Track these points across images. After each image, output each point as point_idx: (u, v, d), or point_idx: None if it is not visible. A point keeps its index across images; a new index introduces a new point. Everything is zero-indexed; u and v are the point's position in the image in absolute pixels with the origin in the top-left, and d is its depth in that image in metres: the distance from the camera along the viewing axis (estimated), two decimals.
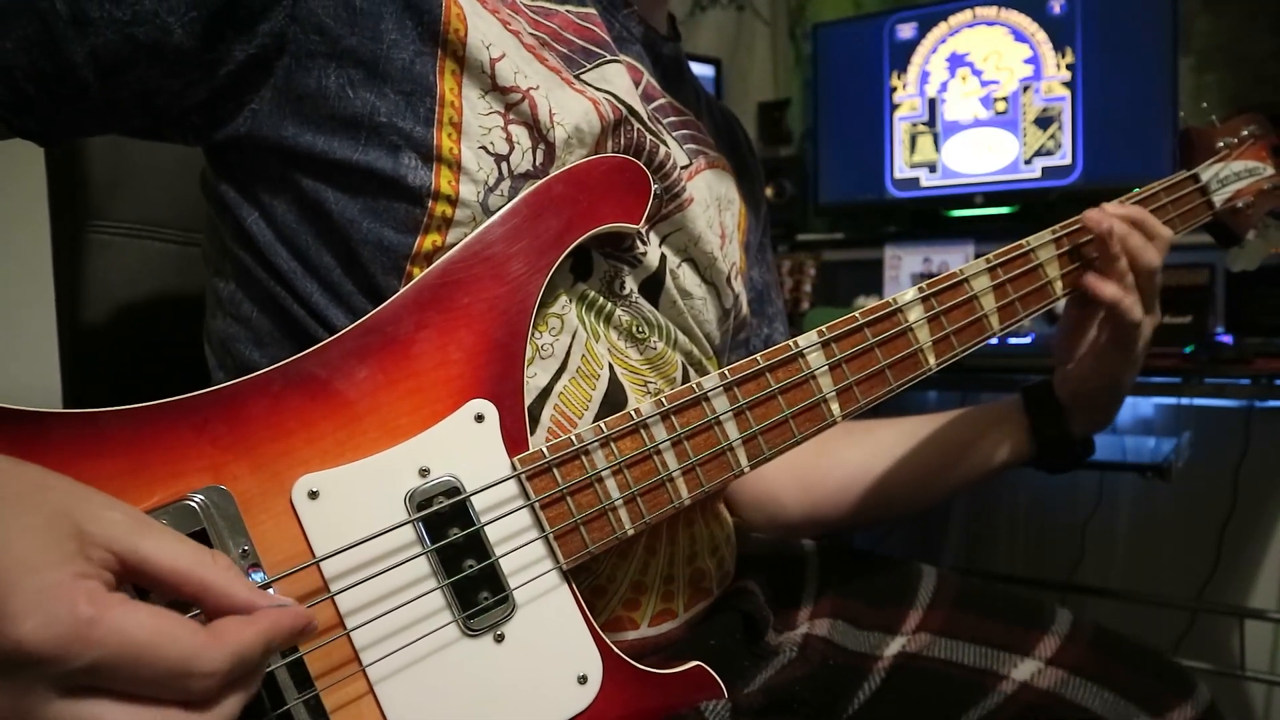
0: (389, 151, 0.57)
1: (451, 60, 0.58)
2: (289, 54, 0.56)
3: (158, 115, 0.57)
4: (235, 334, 0.62)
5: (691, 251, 0.70)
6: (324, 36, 0.56)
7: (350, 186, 0.57)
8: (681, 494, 0.59)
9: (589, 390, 0.61)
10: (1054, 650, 0.70)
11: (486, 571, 0.53)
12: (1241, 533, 1.71)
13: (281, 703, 0.46)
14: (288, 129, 0.56)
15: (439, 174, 0.57)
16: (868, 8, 2.09)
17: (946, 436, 0.82)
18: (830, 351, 0.64)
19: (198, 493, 0.47)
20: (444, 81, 0.57)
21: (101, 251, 0.82)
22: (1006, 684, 0.69)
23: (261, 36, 0.55)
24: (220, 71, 0.55)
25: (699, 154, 0.74)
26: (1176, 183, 0.80)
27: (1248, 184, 0.83)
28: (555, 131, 0.60)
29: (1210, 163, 0.82)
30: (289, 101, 0.56)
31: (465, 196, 0.58)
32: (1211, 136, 0.84)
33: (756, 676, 0.70)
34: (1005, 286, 0.71)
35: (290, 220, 0.59)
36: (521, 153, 0.59)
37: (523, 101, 0.59)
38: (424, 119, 0.57)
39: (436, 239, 0.58)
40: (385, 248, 0.58)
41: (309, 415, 0.51)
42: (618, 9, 0.72)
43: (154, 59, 0.53)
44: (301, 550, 0.49)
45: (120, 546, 0.38)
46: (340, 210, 0.57)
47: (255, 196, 0.60)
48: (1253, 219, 0.83)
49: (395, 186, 0.57)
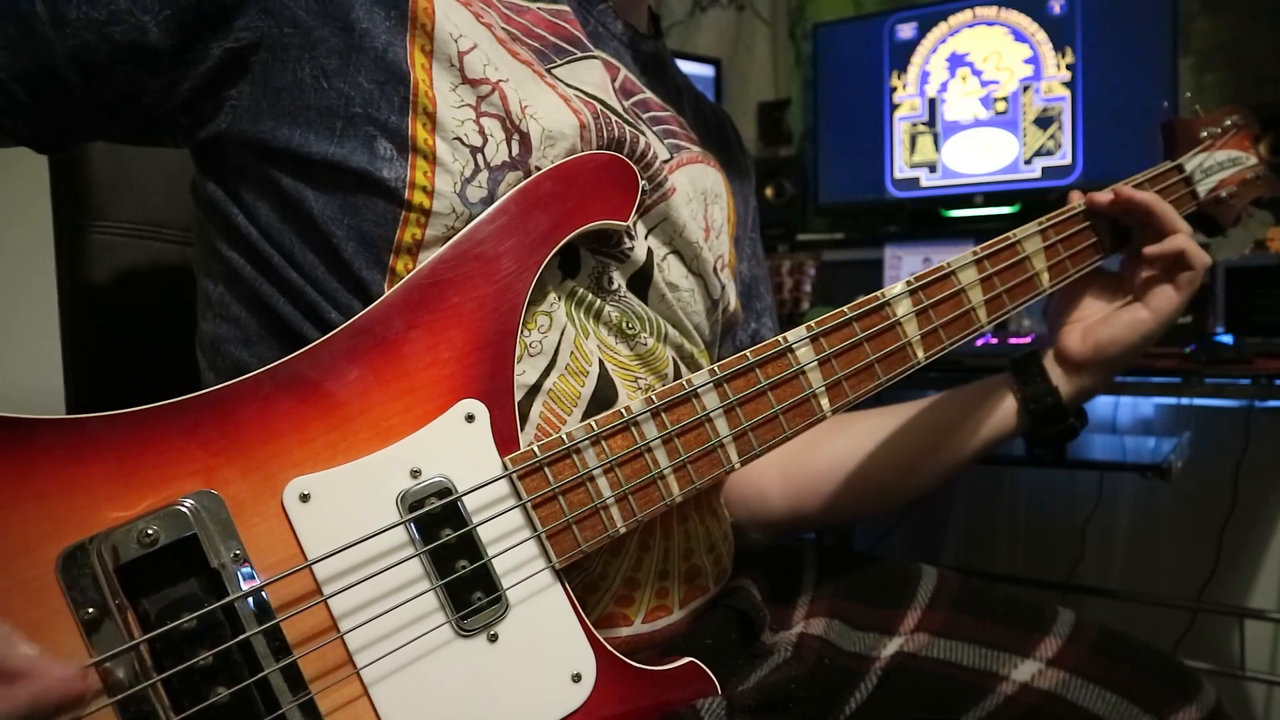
0: (364, 142, 0.57)
1: (421, 51, 0.58)
2: (264, 48, 0.57)
3: (146, 114, 0.58)
4: (225, 334, 0.62)
5: (676, 243, 0.70)
6: (297, 29, 0.57)
7: (328, 183, 0.58)
8: (673, 491, 0.59)
9: (578, 387, 0.62)
10: (1055, 651, 0.69)
11: (479, 572, 0.53)
12: (1241, 533, 1.71)
13: (276, 706, 0.47)
14: (265, 123, 0.57)
15: (414, 166, 0.58)
16: (868, 8, 2.09)
17: (931, 417, 0.81)
18: (819, 346, 0.64)
19: (188, 497, 0.47)
20: (415, 71, 0.58)
21: (103, 252, 0.82)
22: (1006, 685, 0.68)
23: (237, 32, 0.56)
24: (199, 69, 0.56)
25: (679, 149, 0.74)
26: (1161, 173, 0.80)
27: (1231, 174, 0.83)
28: (528, 124, 0.60)
29: (1194, 153, 0.82)
30: (266, 95, 0.57)
31: (441, 188, 0.58)
32: (1195, 127, 0.85)
33: (751, 675, 0.70)
34: (993, 279, 0.71)
35: (273, 219, 0.60)
36: (495, 145, 0.59)
37: (493, 93, 0.59)
38: (398, 107, 0.58)
39: (415, 232, 0.58)
40: (365, 242, 0.58)
41: (300, 417, 0.51)
42: (592, 5, 0.72)
43: (133, 58, 0.55)
44: (294, 553, 0.49)
45: None
46: (320, 208, 0.58)
47: (239, 196, 0.60)
48: (1236, 208, 0.83)
49: (371, 180, 0.57)
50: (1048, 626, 0.71)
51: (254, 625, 0.47)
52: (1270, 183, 0.86)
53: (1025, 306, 0.74)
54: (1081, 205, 0.77)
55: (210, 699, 0.45)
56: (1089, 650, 0.69)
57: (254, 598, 0.47)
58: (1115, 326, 0.76)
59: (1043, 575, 1.85)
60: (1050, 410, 0.77)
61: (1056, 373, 0.78)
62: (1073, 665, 0.68)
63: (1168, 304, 0.75)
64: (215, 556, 0.47)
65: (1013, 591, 0.78)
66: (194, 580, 0.47)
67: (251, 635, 0.47)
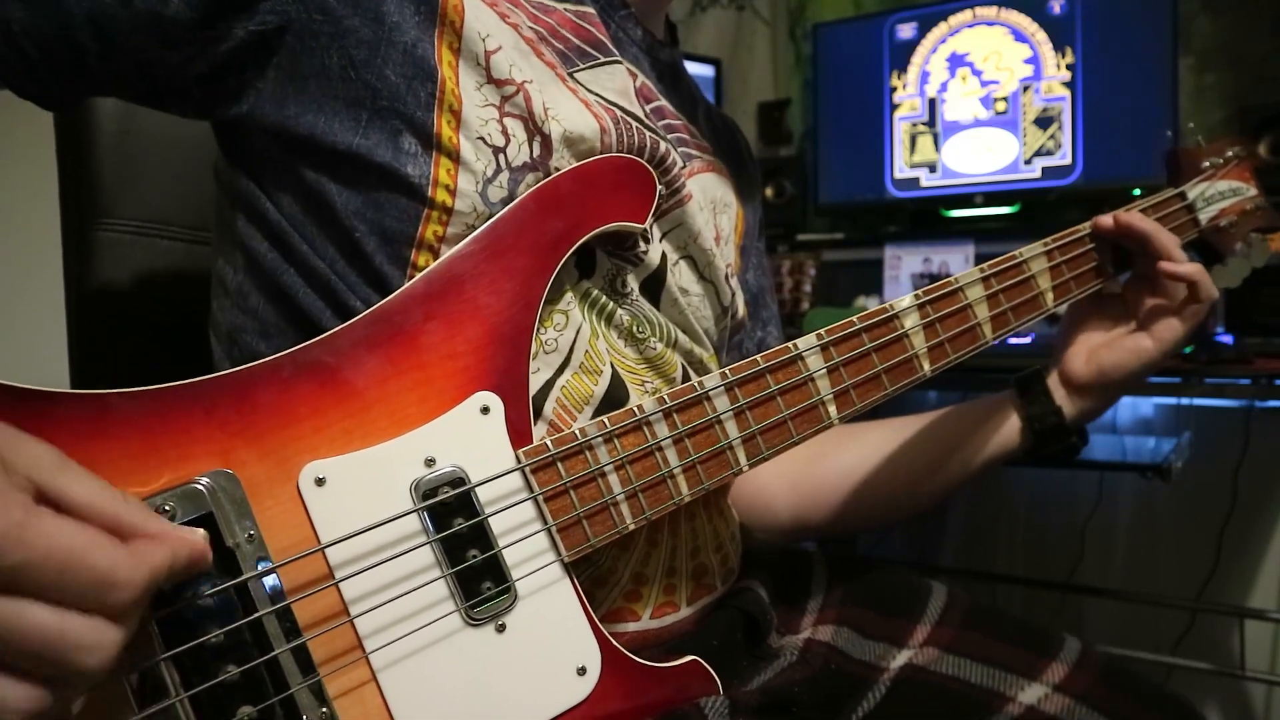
0: (389, 135, 0.57)
1: (449, 49, 0.58)
2: (292, 33, 0.56)
3: (157, 86, 0.58)
4: (242, 325, 0.62)
5: (690, 249, 0.70)
6: (327, 16, 0.56)
7: (352, 177, 0.58)
8: (682, 491, 0.59)
9: (591, 386, 0.62)
10: (1062, 677, 0.69)
11: (490, 562, 0.53)
12: (1241, 533, 1.72)
13: (285, 687, 0.47)
14: (289, 109, 0.57)
15: (438, 164, 0.58)
16: (868, 8, 2.09)
17: (937, 434, 0.82)
18: (829, 355, 0.64)
19: (205, 476, 0.47)
20: (443, 67, 0.58)
21: (110, 249, 0.82)
22: (1013, 706, 0.68)
23: (263, 14, 0.56)
24: (221, 48, 0.56)
25: (690, 158, 0.75)
26: (1164, 200, 0.82)
27: (1231, 203, 0.85)
28: (550, 125, 0.60)
29: (1196, 181, 0.84)
30: (292, 81, 0.57)
31: (464, 187, 0.58)
32: (1197, 156, 0.86)
33: (755, 677, 0.70)
34: (998, 296, 0.72)
35: (295, 210, 0.60)
36: (517, 145, 0.60)
37: (517, 94, 0.60)
38: (424, 103, 0.58)
39: (438, 229, 0.58)
40: (387, 238, 0.58)
41: (317, 402, 0.51)
42: (615, 10, 0.72)
43: (150, 27, 0.54)
44: (307, 536, 0.49)
45: (41, 478, 0.39)
46: (343, 201, 0.58)
47: (263, 185, 0.60)
48: (1235, 237, 0.85)
49: (395, 176, 0.57)
50: (1055, 652, 0.71)
51: (266, 606, 0.47)
52: (1269, 214, 0.87)
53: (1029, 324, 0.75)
54: (1088, 228, 0.78)
55: (220, 676, 0.45)
56: (1095, 679, 0.69)
57: (267, 579, 0.48)
58: (1119, 352, 0.76)
59: (1043, 575, 1.85)
60: (1053, 429, 0.78)
61: (1060, 393, 0.78)
62: (1079, 693, 0.68)
63: (1171, 334, 0.75)
64: (230, 536, 0.47)
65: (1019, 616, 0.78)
66: None
67: (263, 615, 0.47)
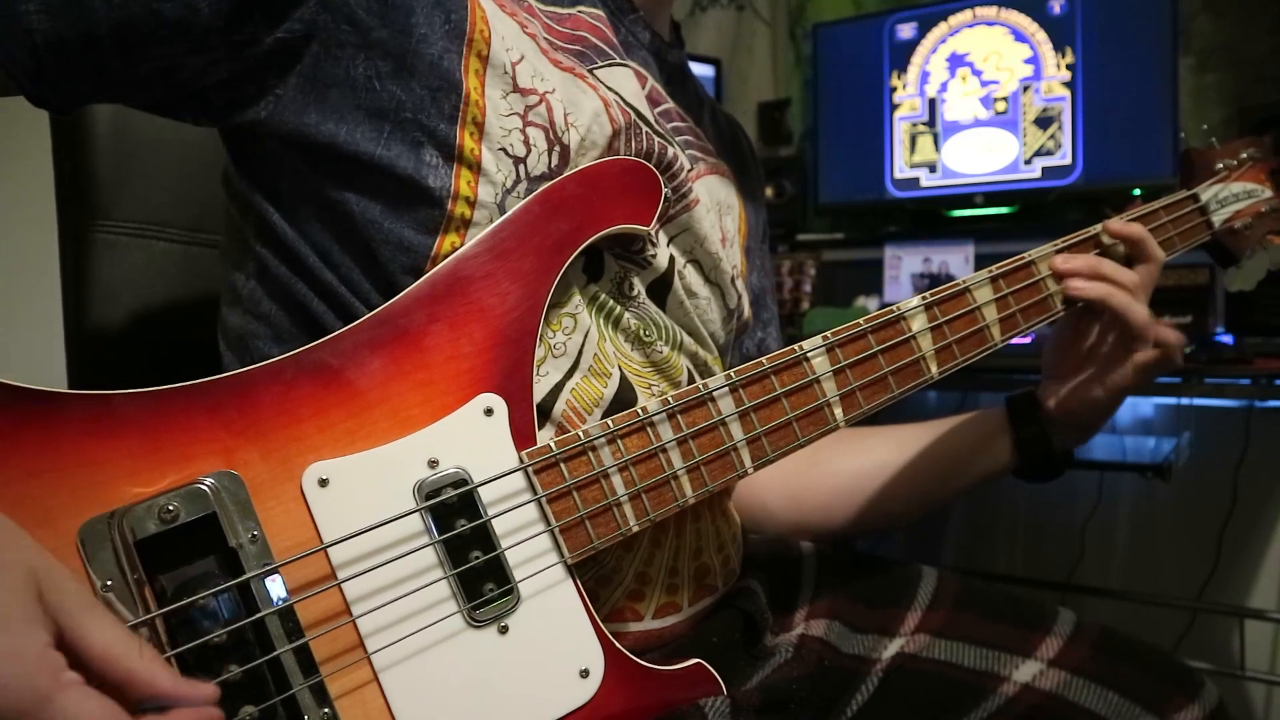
0: (411, 147, 0.57)
1: (476, 60, 0.58)
2: (318, 42, 0.56)
3: (175, 90, 0.57)
4: (254, 330, 0.62)
5: (697, 253, 0.70)
6: (354, 27, 0.56)
7: (371, 187, 0.58)
8: (685, 492, 0.59)
9: (600, 389, 0.62)
10: (1056, 651, 0.69)
11: (492, 563, 0.53)
12: (1241, 533, 1.72)
13: (287, 686, 0.47)
14: (310, 116, 0.57)
15: (459, 175, 0.58)
16: (868, 8, 2.09)
17: (937, 451, 0.82)
18: (835, 357, 0.64)
19: (209, 476, 0.48)
20: (469, 80, 0.58)
21: (107, 251, 0.82)
22: (1008, 686, 0.68)
23: (291, 22, 0.55)
24: (246, 53, 0.55)
25: (698, 160, 0.75)
26: (1176, 201, 0.81)
27: (1246, 205, 0.84)
28: (570, 134, 0.60)
29: (1210, 183, 0.83)
30: (315, 89, 0.57)
31: (484, 198, 0.58)
32: (1211, 158, 0.85)
33: (753, 676, 0.70)
34: (1008, 298, 0.72)
35: (311, 219, 0.59)
36: (538, 155, 0.60)
37: (540, 105, 0.60)
38: (448, 115, 0.57)
39: (455, 240, 0.58)
40: (405, 248, 0.58)
41: (321, 403, 0.51)
42: (625, 13, 0.73)
43: (178, 36, 0.53)
44: (310, 536, 0.49)
45: (66, 621, 0.40)
46: (361, 211, 0.58)
47: (276, 192, 0.60)
48: (1250, 240, 0.84)
49: (416, 187, 0.57)
50: (1048, 626, 0.71)
51: (268, 605, 0.47)
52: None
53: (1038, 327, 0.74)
54: (1099, 229, 0.77)
55: (222, 676, 0.45)
56: (1090, 650, 0.69)
57: (269, 579, 0.48)
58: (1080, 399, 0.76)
59: (1043, 575, 1.85)
60: (1041, 454, 0.78)
61: (1050, 419, 0.78)
62: (1074, 665, 0.68)
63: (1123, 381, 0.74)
64: (234, 536, 0.47)
65: (1013, 591, 0.78)
66: (211, 559, 0.47)
67: (266, 615, 0.47)
